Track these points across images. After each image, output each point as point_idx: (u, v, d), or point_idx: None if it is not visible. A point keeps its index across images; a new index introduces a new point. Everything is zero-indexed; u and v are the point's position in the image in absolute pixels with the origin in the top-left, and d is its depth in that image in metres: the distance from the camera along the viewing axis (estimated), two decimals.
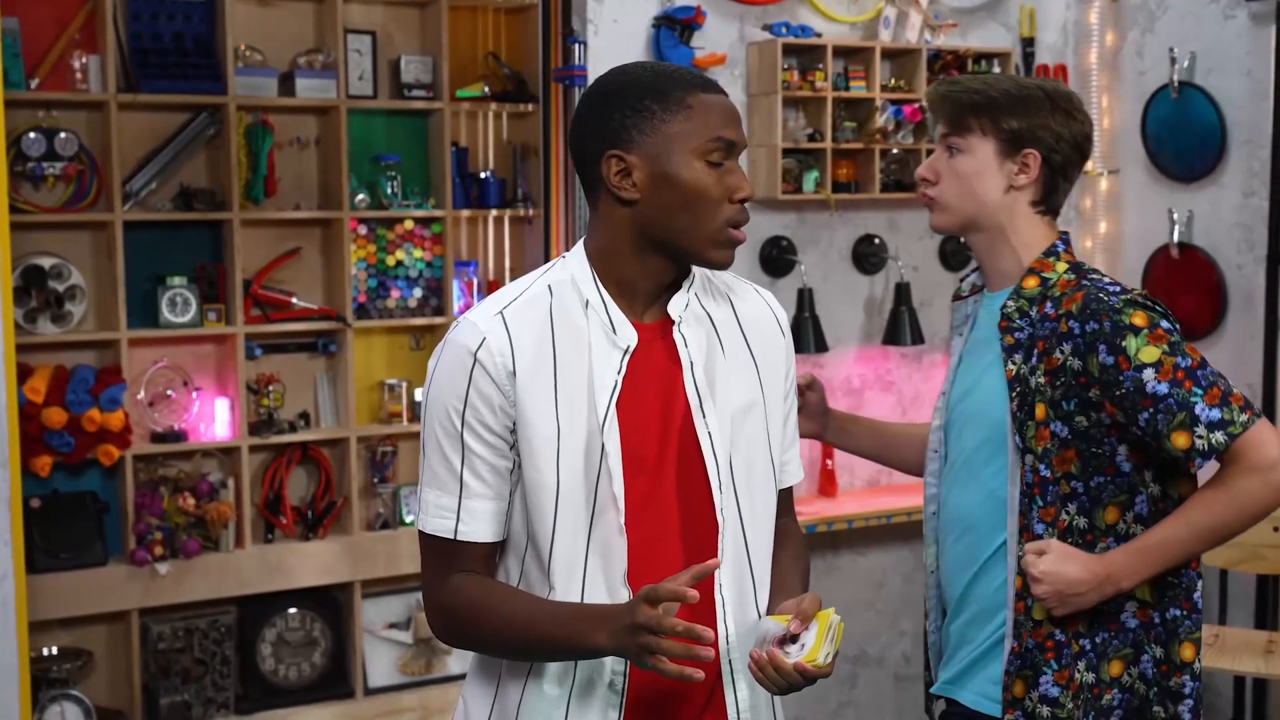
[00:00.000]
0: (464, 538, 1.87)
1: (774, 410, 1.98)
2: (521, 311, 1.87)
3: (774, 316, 2.03)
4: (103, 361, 4.36)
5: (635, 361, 1.88)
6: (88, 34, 4.32)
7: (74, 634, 4.36)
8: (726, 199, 1.84)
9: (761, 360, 1.97)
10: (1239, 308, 4.66)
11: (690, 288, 1.94)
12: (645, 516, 1.86)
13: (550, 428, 1.83)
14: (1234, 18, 4.60)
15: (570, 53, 4.36)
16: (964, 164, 2.36)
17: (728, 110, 1.86)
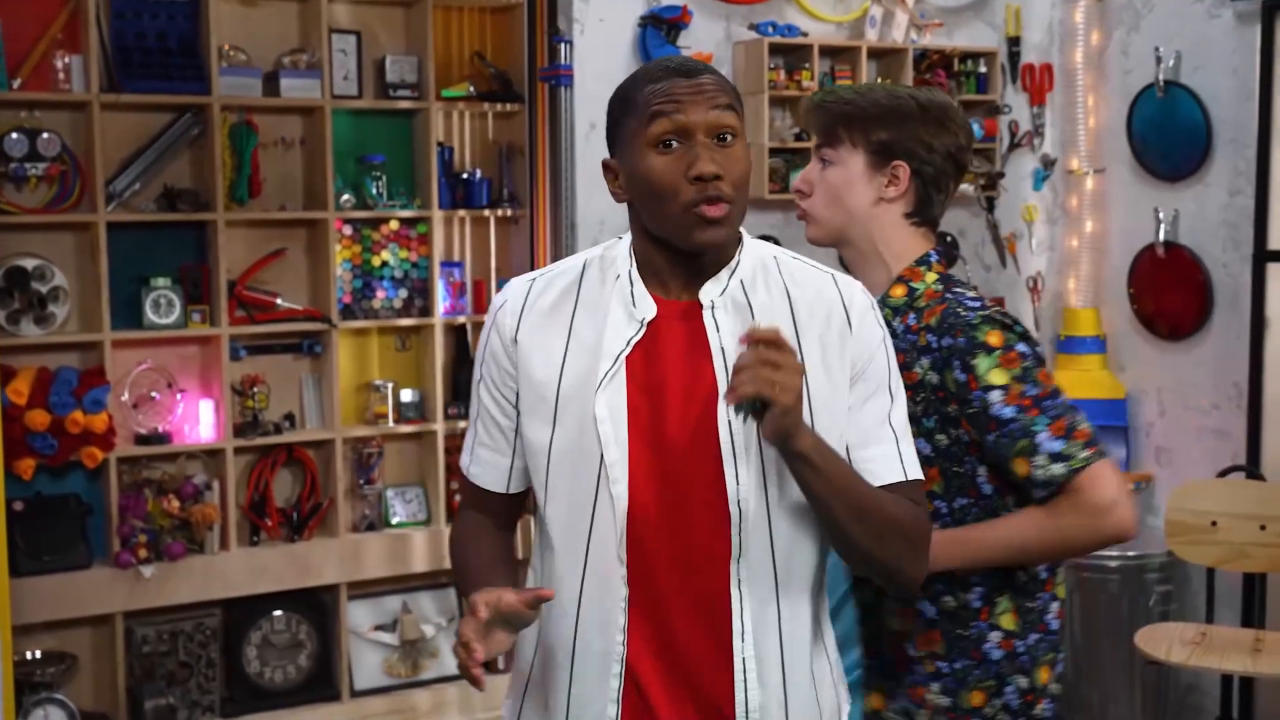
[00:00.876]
0: (473, 479, 2.02)
1: (826, 407, 1.86)
2: (551, 280, 1.95)
3: (842, 305, 1.91)
4: (86, 363, 4.33)
5: (660, 337, 1.87)
6: (70, 34, 4.29)
7: (58, 637, 4.33)
8: (683, 180, 1.81)
9: (812, 354, 1.87)
10: (1225, 306, 4.67)
11: (734, 274, 1.90)
12: (654, 493, 1.84)
13: (550, 389, 1.89)
14: (1219, 16, 4.61)
15: (556, 52, 4.36)
16: (834, 176, 2.33)
17: (670, 91, 1.83)
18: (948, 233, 4.94)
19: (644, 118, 1.83)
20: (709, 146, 1.81)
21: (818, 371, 1.87)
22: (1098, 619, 4.72)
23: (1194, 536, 4.31)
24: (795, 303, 1.91)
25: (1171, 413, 4.90)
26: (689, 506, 1.85)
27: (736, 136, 1.84)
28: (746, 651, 1.87)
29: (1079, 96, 5.02)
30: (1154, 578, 4.69)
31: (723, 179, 1.81)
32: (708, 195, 1.81)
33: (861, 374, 1.90)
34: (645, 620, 1.86)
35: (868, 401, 1.91)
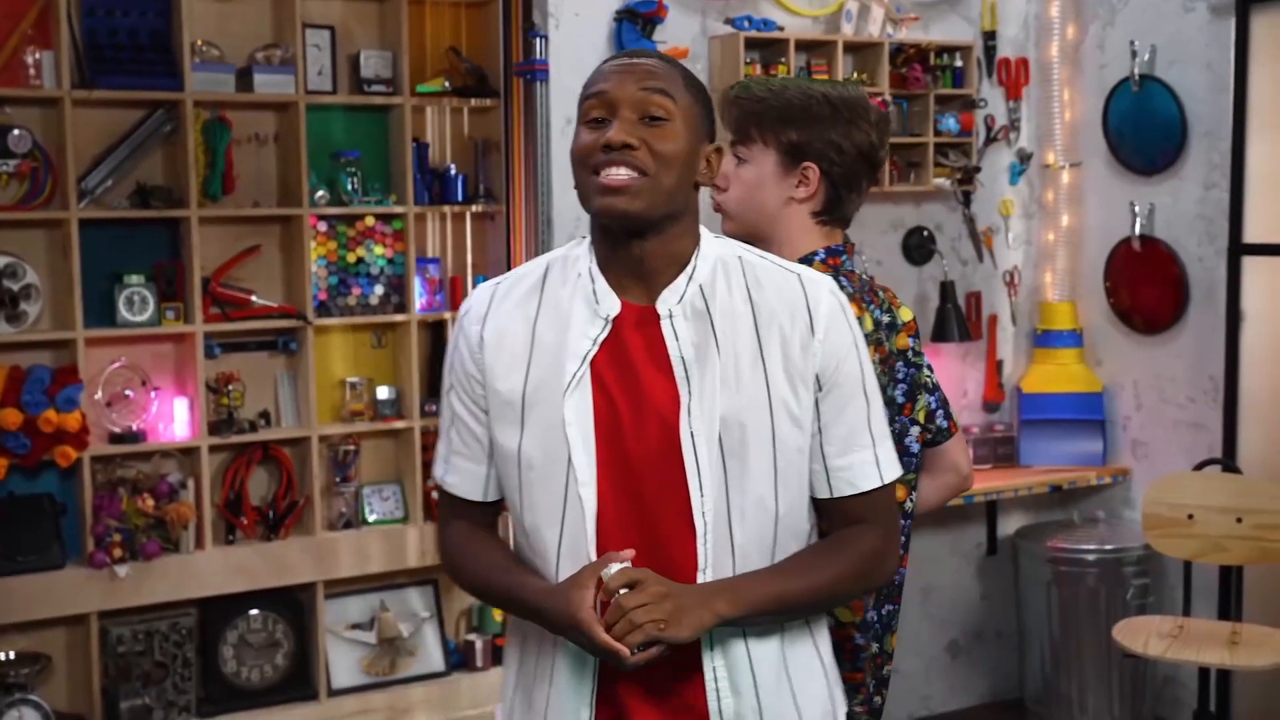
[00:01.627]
0: (450, 489, 2.01)
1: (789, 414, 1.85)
2: (515, 284, 1.96)
3: (806, 309, 1.87)
4: (59, 361, 4.30)
5: (624, 341, 1.86)
6: (41, 29, 4.25)
7: (31, 638, 4.30)
8: (598, 149, 1.83)
9: (774, 360, 1.85)
10: (1200, 300, 4.68)
11: (691, 279, 1.88)
12: (619, 496, 1.84)
13: (516, 394, 1.88)
14: (1194, 10, 4.62)
15: (531, 47, 4.33)
16: (748, 174, 2.35)
17: (609, 69, 1.87)
18: (924, 226, 4.95)
19: (582, 94, 1.88)
20: (630, 120, 1.82)
21: (779, 378, 1.85)
22: (1075, 612, 4.74)
23: (1170, 530, 4.32)
24: (757, 306, 1.88)
25: (1148, 406, 4.91)
26: (655, 514, 1.84)
27: (669, 119, 1.83)
28: (716, 660, 1.86)
29: (1055, 91, 5.03)
30: (1131, 571, 4.70)
31: (636, 150, 1.81)
32: (611, 160, 1.81)
33: (833, 381, 1.88)
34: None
35: (844, 409, 1.89)
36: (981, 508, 5.12)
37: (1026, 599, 4.94)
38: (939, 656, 5.14)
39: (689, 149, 1.86)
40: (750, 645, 1.88)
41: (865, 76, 4.68)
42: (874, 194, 4.73)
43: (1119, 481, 5.00)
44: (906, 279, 4.98)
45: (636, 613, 1.73)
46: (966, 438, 4.97)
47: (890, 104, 4.66)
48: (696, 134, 1.87)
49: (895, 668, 5.00)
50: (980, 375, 5.16)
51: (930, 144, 4.79)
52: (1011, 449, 5.07)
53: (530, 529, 1.89)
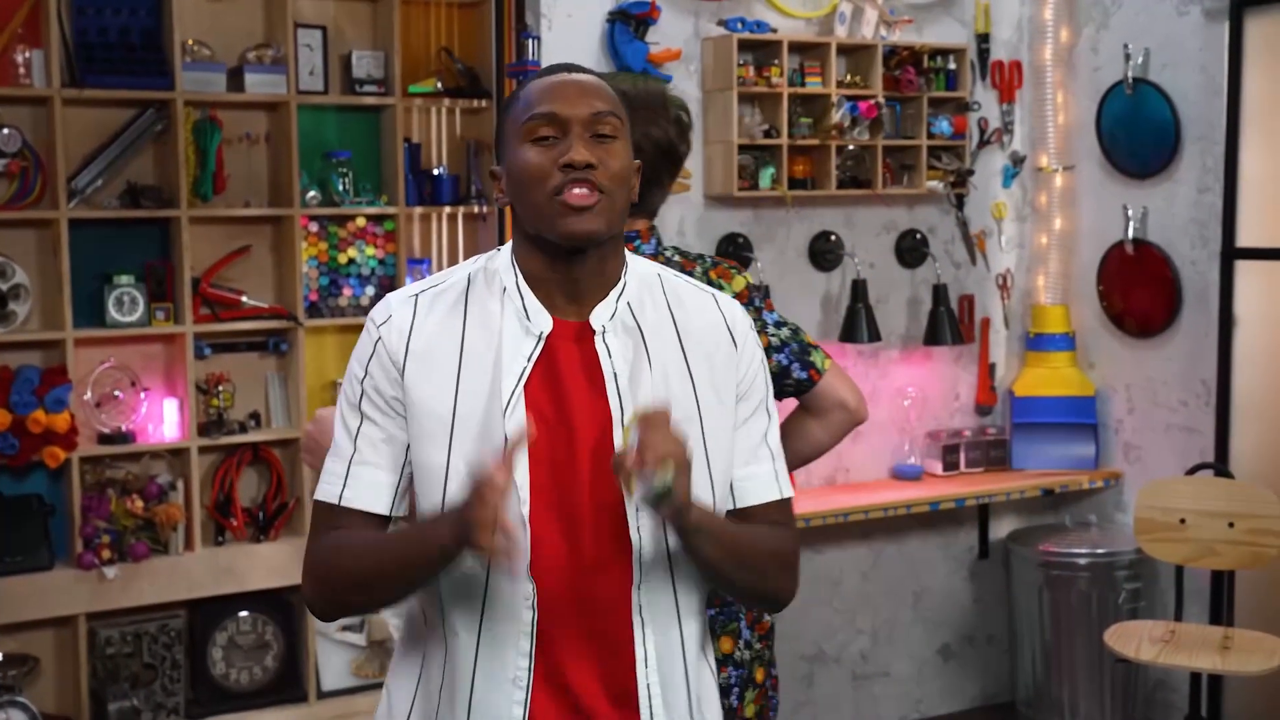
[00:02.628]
0: (346, 503, 1.86)
1: (717, 429, 1.87)
2: (436, 297, 1.89)
3: (725, 326, 1.92)
4: (48, 362, 4.28)
5: (555, 357, 1.84)
6: (31, 28, 4.24)
7: (19, 639, 4.28)
8: (554, 169, 1.79)
9: (701, 376, 1.88)
10: (1193, 303, 4.68)
11: (621, 295, 1.87)
12: (551, 516, 1.81)
13: (445, 409, 1.82)
14: (1187, 14, 4.62)
15: (524, 48, 4.33)
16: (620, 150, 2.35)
17: (552, 86, 1.83)
18: (917, 229, 4.94)
19: (523, 111, 1.83)
20: (584, 139, 1.80)
21: (707, 392, 1.87)
22: (1067, 616, 4.73)
23: (1162, 534, 4.32)
24: (680, 323, 1.90)
25: (1140, 410, 4.91)
26: (588, 531, 1.82)
27: (616, 138, 1.82)
28: (650, 678, 1.85)
29: (1048, 94, 5.02)
30: (1123, 575, 4.70)
31: (596, 169, 1.78)
32: (574, 180, 1.78)
33: (745, 394, 1.92)
34: (546, 645, 1.82)
35: (748, 421, 1.92)
36: (973, 511, 5.11)
37: (1018, 603, 4.93)
38: (931, 660, 5.14)
39: (631, 166, 1.85)
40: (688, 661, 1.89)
41: (859, 79, 4.68)
42: (866, 196, 4.73)
43: (1111, 485, 4.99)
44: (899, 282, 4.97)
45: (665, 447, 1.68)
46: (959, 440, 4.97)
47: (883, 106, 4.65)
48: (631, 152, 1.87)
49: (886, 671, 5.02)
50: (973, 378, 5.15)
51: (923, 147, 4.79)
52: (1004, 452, 5.07)
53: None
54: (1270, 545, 4.17)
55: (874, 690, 5.03)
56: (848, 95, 4.60)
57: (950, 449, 4.98)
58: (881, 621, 5.02)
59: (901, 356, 5.00)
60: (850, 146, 4.64)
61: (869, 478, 4.94)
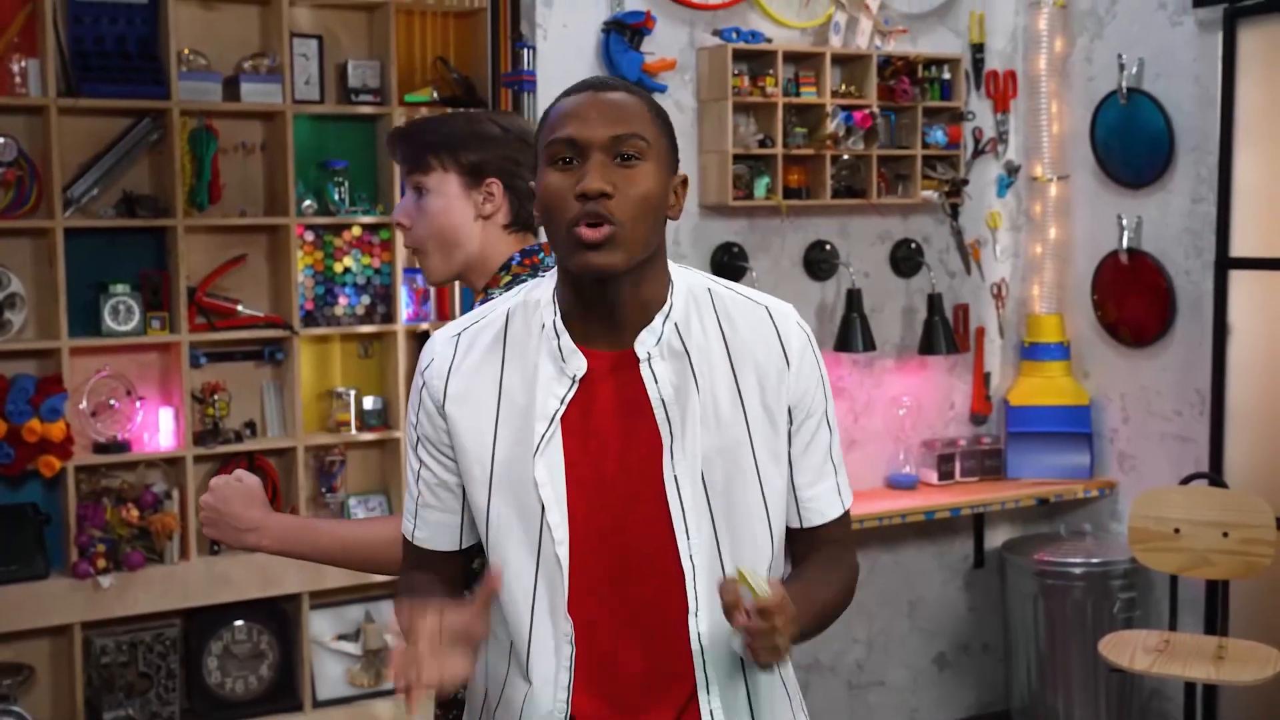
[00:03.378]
0: (420, 543, 1.93)
1: (768, 448, 1.84)
2: (476, 336, 1.88)
3: (780, 343, 1.86)
4: (44, 371, 4.28)
5: (595, 391, 1.81)
6: (27, 37, 4.24)
7: (14, 648, 4.28)
8: (570, 197, 1.74)
9: (751, 395, 1.83)
10: (1187, 313, 4.69)
11: (667, 318, 1.83)
12: (595, 550, 1.80)
13: (485, 453, 1.82)
14: (1181, 24, 4.63)
15: (519, 58, 4.33)
16: (433, 202, 2.37)
17: (573, 108, 1.77)
18: (912, 239, 4.95)
19: (547, 134, 1.79)
20: (603, 164, 1.74)
21: (757, 413, 1.84)
22: (1062, 625, 4.73)
23: (1157, 543, 4.32)
24: (730, 341, 1.85)
25: (1135, 419, 4.91)
26: (636, 562, 1.80)
27: (642, 159, 1.76)
28: (713, 704, 1.83)
29: (1042, 103, 5.03)
30: (1118, 584, 4.70)
31: (612, 198, 1.73)
32: (586, 212, 1.73)
33: (805, 412, 1.88)
34: (592, 678, 1.82)
35: (813, 440, 1.89)
36: (969, 520, 5.12)
37: (1013, 612, 4.94)
38: (926, 669, 5.14)
39: (661, 187, 1.79)
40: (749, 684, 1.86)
41: (853, 89, 4.69)
42: (861, 206, 4.74)
43: (1106, 494, 5.00)
44: (894, 291, 4.98)
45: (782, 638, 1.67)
46: (954, 450, 4.98)
47: (878, 116, 4.66)
48: (667, 169, 1.81)
49: (881, 680, 5.02)
50: (967, 388, 5.16)
51: (918, 156, 4.79)
52: (999, 462, 5.07)
53: (505, 581, 1.83)
54: (1264, 555, 4.18)
55: (869, 699, 5.03)
56: (842, 105, 4.61)
57: (945, 458, 4.98)
58: (877, 631, 5.02)
59: (896, 366, 5.01)
60: (845, 156, 4.64)
61: (864, 487, 4.94)
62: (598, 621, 1.81)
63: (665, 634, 1.81)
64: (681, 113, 4.49)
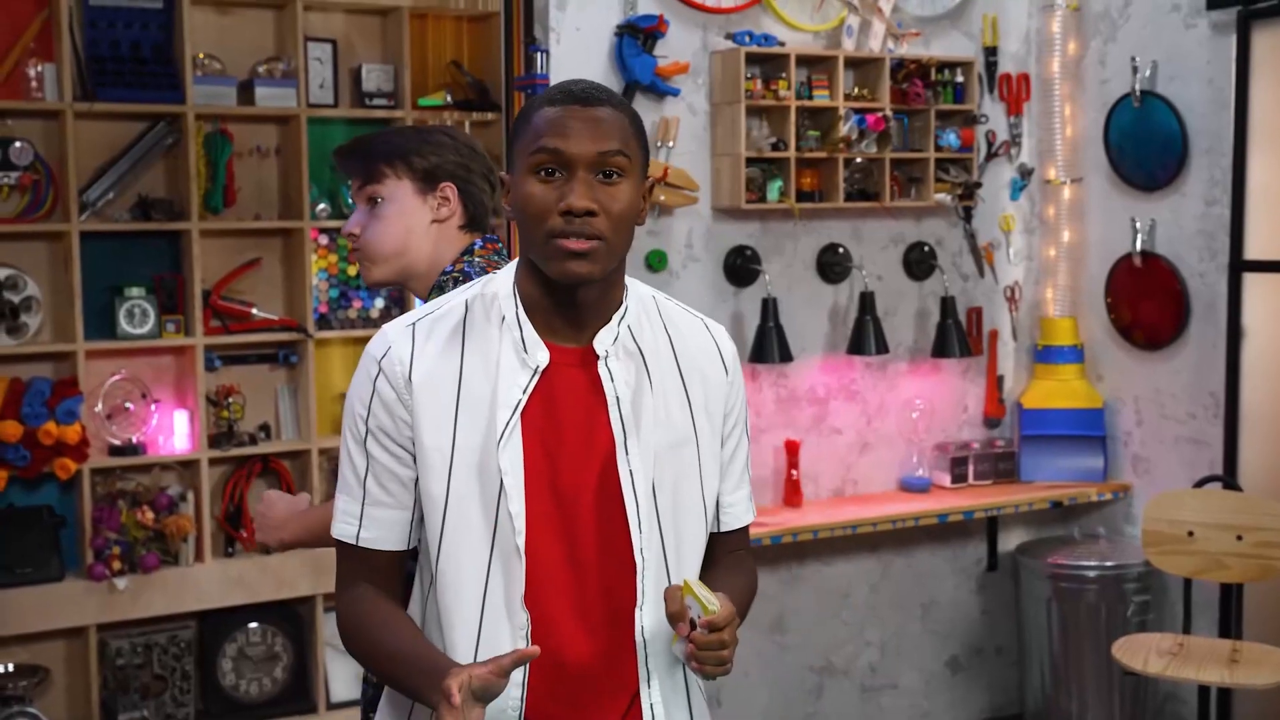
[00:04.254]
0: (365, 544, 1.88)
1: (709, 451, 1.91)
2: (433, 325, 1.87)
3: (719, 354, 1.95)
4: (59, 374, 4.30)
5: (554, 385, 1.83)
6: (43, 42, 4.27)
7: (30, 650, 4.30)
8: (554, 210, 1.77)
9: (697, 399, 1.90)
10: (1201, 316, 4.67)
11: (623, 320, 1.87)
12: (552, 542, 1.82)
13: (445, 441, 1.82)
14: (1195, 26, 4.62)
15: (532, 61, 4.34)
16: (389, 210, 2.42)
17: (559, 119, 1.78)
18: (925, 242, 4.94)
19: (531, 141, 1.80)
20: (588, 181, 1.77)
21: (701, 417, 1.91)
22: (1075, 629, 4.72)
23: (1171, 547, 4.31)
24: (676, 346, 1.92)
25: (1149, 422, 4.90)
26: (590, 554, 1.83)
27: (624, 175, 1.79)
28: (654, 697, 1.87)
29: (1056, 106, 5.03)
30: (1132, 588, 4.69)
31: (596, 215, 1.76)
32: (573, 229, 1.76)
33: (733, 420, 1.96)
34: (543, 673, 1.82)
35: (737, 448, 1.98)
36: (982, 523, 5.11)
37: (1027, 615, 4.93)
38: (939, 672, 5.13)
39: (638, 200, 1.83)
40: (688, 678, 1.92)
41: (866, 92, 4.69)
42: (874, 209, 4.74)
43: (1120, 498, 4.99)
44: (907, 294, 4.97)
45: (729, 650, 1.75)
46: (967, 453, 4.98)
47: (891, 119, 4.66)
48: (642, 179, 1.84)
49: (894, 683, 5.01)
50: (981, 391, 5.15)
51: (931, 159, 4.79)
52: (1012, 465, 5.07)
53: (451, 573, 1.83)
54: (1278, 558, 4.16)
55: (882, 702, 5.02)
56: (855, 108, 4.61)
57: (958, 461, 4.98)
58: (890, 633, 5.02)
59: (909, 369, 5.00)
60: (858, 159, 4.64)
61: (877, 490, 4.94)
62: (552, 615, 1.82)
63: (614, 628, 1.84)
64: (694, 116, 4.50)
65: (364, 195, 2.44)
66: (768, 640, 4.74)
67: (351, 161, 2.45)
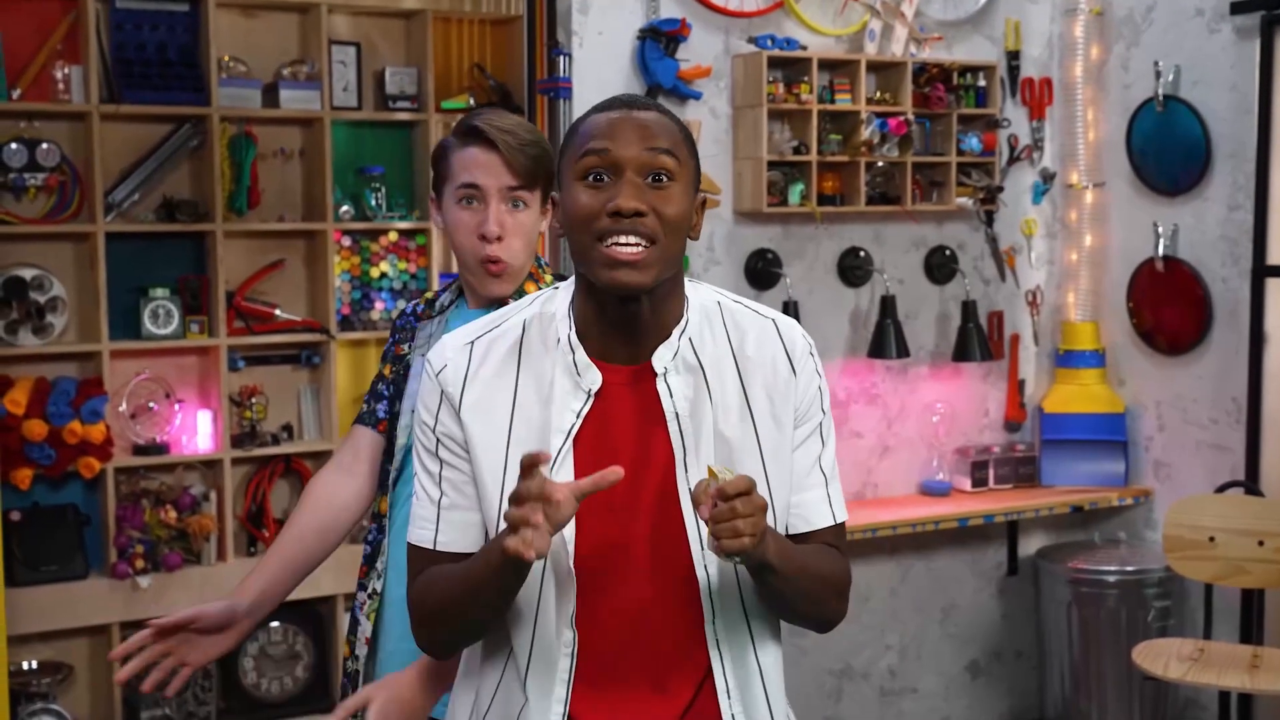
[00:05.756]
0: (442, 548, 1.87)
1: (775, 458, 1.86)
2: (490, 345, 1.86)
3: (785, 353, 1.87)
4: (84, 373, 4.33)
5: (608, 406, 1.82)
6: (70, 44, 4.30)
7: (54, 647, 4.33)
8: (602, 213, 1.74)
9: (759, 406, 1.85)
10: (1224, 321, 4.66)
11: (683, 333, 1.84)
12: (606, 563, 1.80)
13: (498, 464, 1.82)
14: (1219, 31, 4.61)
15: (555, 64, 4.36)
16: (528, 218, 2.34)
17: (606, 125, 1.77)
18: (946, 246, 4.94)
19: (578, 148, 1.78)
20: (637, 184, 1.75)
21: (767, 424, 1.85)
22: (1096, 633, 4.72)
23: (1192, 552, 4.31)
24: (739, 352, 1.86)
25: (1170, 427, 4.89)
26: (647, 573, 1.81)
27: (674, 180, 1.77)
28: (735, 709, 1.85)
29: (1078, 110, 5.02)
30: (1152, 593, 4.68)
31: (646, 216, 1.74)
32: (622, 229, 1.73)
33: (803, 418, 1.89)
34: (594, 691, 1.82)
35: (801, 446, 1.90)
36: (1003, 528, 5.10)
37: (1047, 619, 4.92)
38: (959, 676, 5.13)
39: (689, 208, 1.80)
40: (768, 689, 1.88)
41: (888, 96, 4.69)
42: (896, 213, 4.74)
43: (1141, 503, 4.98)
44: (928, 298, 4.97)
45: (744, 523, 1.67)
46: (988, 457, 4.97)
47: (913, 123, 4.66)
48: (692, 189, 1.81)
49: (914, 686, 5.01)
50: (1002, 395, 5.15)
51: (953, 163, 4.79)
52: (1033, 469, 5.06)
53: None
54: None
55: (902, 706, 5.02)
56: (877, 112, 4.61)
57: (979, 465, 4.97)
58: (910, 637, 5.02)
59: (930, 372, 5.00)
60: (879, 163, 4.65)
61: (897, 493, 4.94)
62: (604, 633, 1.81)
63: (670, 643, 1.82)
64: (716, 119, 4.51)
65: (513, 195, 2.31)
66: (786, 643, 4.73)
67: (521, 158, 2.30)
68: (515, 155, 2.28)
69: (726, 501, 1.66)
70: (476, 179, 2.29)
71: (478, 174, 2.29)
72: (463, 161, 2.31)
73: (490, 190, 2.29)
